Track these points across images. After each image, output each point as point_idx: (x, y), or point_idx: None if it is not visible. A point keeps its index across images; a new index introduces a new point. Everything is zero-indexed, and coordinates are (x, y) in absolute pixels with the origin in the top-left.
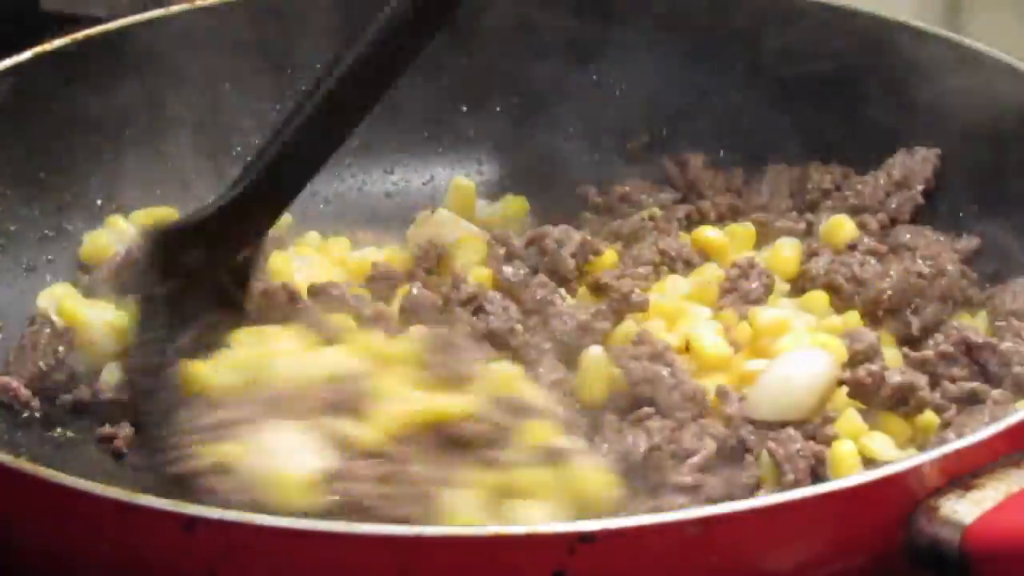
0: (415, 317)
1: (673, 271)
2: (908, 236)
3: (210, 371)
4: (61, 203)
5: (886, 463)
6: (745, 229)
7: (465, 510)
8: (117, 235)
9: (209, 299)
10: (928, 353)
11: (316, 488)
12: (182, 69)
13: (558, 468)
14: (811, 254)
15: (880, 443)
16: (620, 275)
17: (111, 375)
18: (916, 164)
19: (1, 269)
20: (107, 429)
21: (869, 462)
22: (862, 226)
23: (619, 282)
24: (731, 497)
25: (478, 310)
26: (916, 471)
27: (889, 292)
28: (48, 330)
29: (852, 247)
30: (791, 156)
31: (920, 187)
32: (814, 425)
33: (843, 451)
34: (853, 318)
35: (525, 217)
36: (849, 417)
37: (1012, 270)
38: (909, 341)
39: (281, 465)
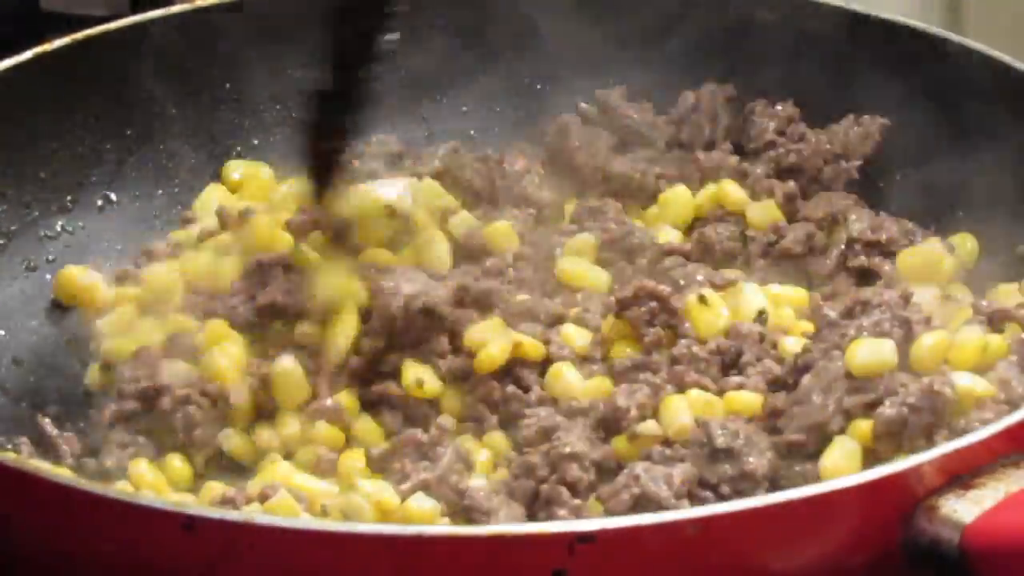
0: None
1: None
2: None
3: None
4: (61, 203)
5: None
6: (682, 195)
7: None
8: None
9: None
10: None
11: None
12: (182, 69)
13: None
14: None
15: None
16: None
17: None
18: (857, 138)
19: (1, 269)
20: None
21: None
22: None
23: None
24: None
25: None
26: (916, 471)
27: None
28: None
29: None
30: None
31: (858, 162)
32: None
33: None
34: None
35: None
36: None
37: None
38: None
39: None
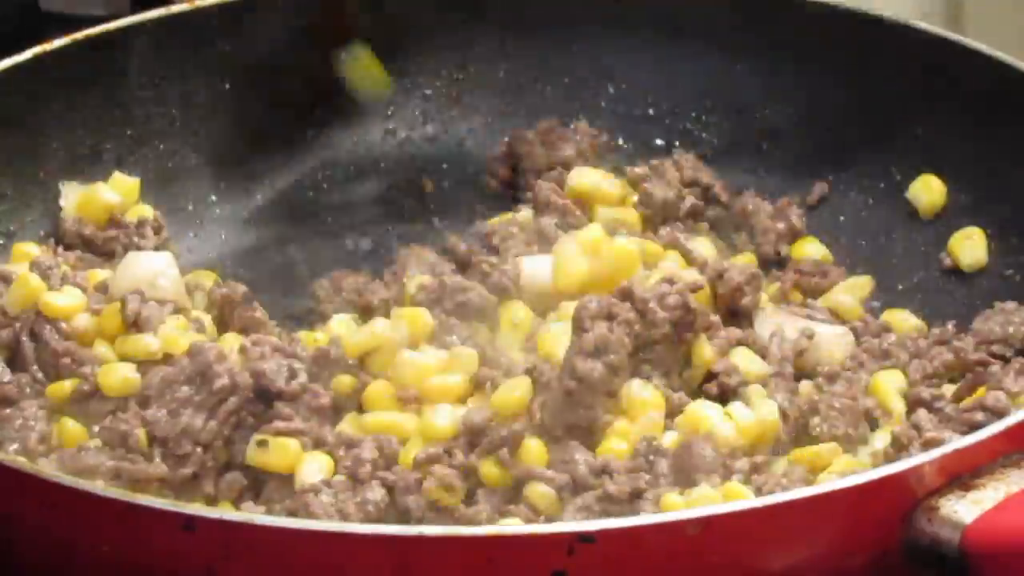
0: None
1: None
2: None
3: None
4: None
5: None
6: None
7: None
8: None
9: None
10: None
11: None
12: (183, 69)
13: None
14: None
15: None
16: None
17: None
18: None
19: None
20: None
21: None
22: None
23: None
24: None
25: None
26: (916, 471)
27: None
28: None
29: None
30: (782, 156)
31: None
32: None
33: None
34: None
35: None
36: None
37: None
38: None
39: None
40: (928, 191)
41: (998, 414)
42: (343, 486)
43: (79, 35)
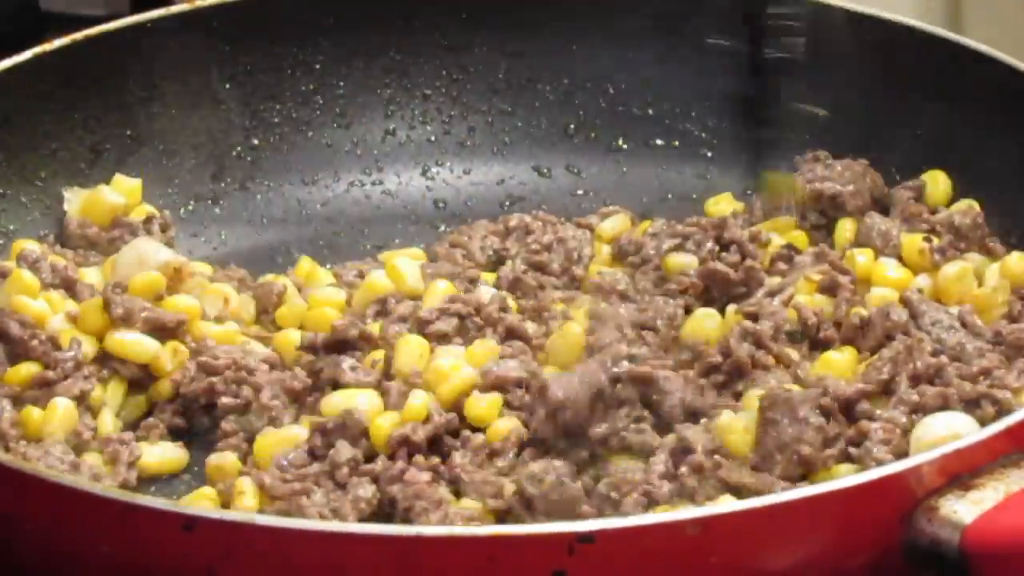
0: None
1: None
2: None
3: None
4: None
5: None
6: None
7: None
8: None
9: None
10: None
11: None
12: (182, 69)
13: None
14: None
15: None
16: None
17: None
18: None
19: None
20: None
21: None
22: None
23: None
24: None
25: None
26: (915, 471)
27: None
28: None
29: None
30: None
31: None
32: None
33: None
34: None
35: None
36: None
37: None
38: None
39: None
40: (935, 187)
41: (1002, 411)
42: (332, 485)
43: (79, 35)
